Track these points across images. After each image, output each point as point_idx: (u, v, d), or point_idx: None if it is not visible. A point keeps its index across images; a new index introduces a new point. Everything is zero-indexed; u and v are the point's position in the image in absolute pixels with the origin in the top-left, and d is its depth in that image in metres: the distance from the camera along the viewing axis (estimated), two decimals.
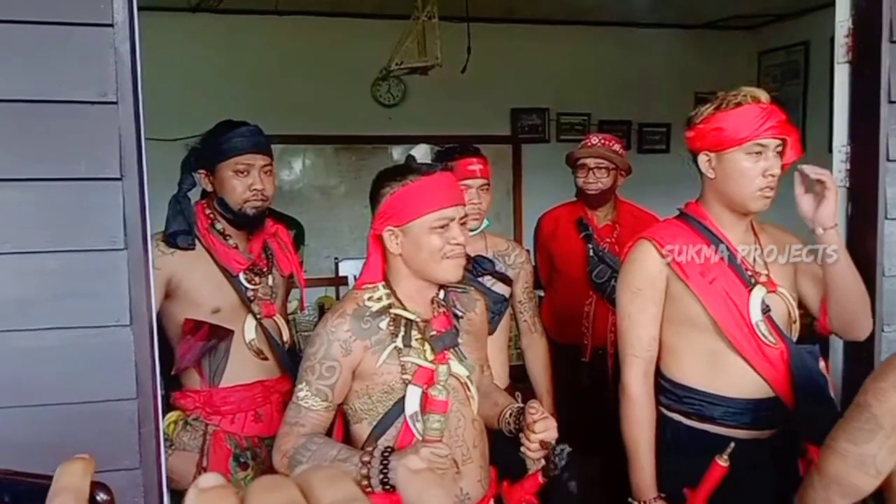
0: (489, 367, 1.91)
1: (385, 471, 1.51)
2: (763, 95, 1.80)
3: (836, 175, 1.94)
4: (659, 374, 1.94)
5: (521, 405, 1.70)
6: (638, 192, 3.23)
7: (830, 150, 2.02)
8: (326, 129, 4.73)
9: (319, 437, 1.65)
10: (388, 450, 1.56)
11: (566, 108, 5.13)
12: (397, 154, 4.98)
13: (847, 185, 1.93)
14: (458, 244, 1.64)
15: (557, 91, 5.07)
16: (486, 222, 2.39)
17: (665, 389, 1.93)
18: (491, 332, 2.16)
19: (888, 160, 1.90)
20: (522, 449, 1.60)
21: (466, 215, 1.75)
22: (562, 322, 3.01)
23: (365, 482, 1.52)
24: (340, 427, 1.74)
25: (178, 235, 2.04)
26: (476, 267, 2.35)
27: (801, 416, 1.80)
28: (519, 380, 2.60)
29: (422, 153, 1.94)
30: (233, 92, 4.28)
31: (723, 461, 1.73)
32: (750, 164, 1.78)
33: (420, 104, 4.86)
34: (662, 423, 1.92)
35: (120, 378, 1.58)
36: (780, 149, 1.79)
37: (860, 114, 1.95)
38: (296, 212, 3.94)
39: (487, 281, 2.38)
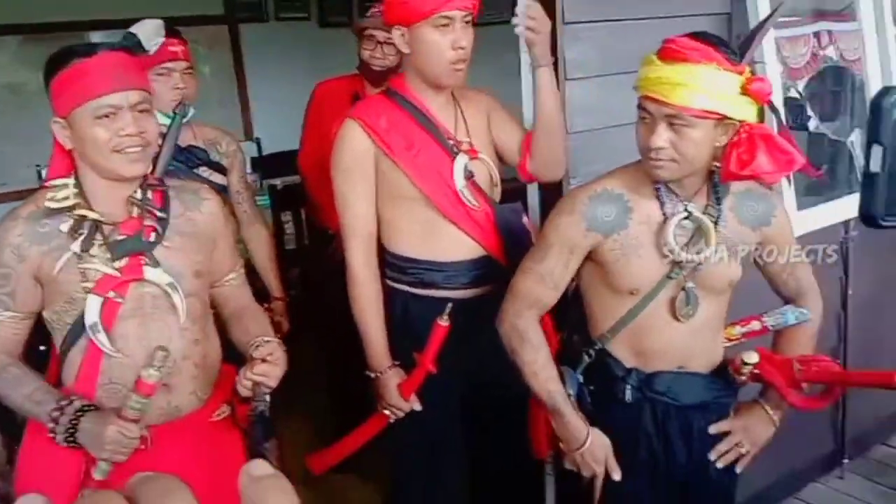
0: (240, 273, 1.80)
1: (72, 430, 1.45)
2: None
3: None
4: (382, 248, 1.98)
5: (273, 339, 1.62)
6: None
7: None
8: (5, 17, 4.07)
9: (18, 367, 1.54)
10: (84, 409, 1.47)
11: None
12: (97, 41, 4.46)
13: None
14: (127, 135, 1.47)
15: None
16: (190, 111, 2.22)
17: (389, 263, 1.98)
18: None
19: (564, 23, 2.01)
20: (237, 379, 1.56)
21: (146, 101, 1.52)
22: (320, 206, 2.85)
23: (51, 434, 1.46)
24: None
25: None
26: (190, 157, 2.22)
27: (511, 268, 1.94)
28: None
29: (149, 29, 1.71)
30: None
31: (443, 321, 1.83)
32: (438, 37, 1.80)
33: None
34: (391, 296, 1.98)
35: None
36: (468, 19, 1.81)
37: None
38: None
39: (204, 172, 2.26)
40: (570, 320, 1.84)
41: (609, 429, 1.69)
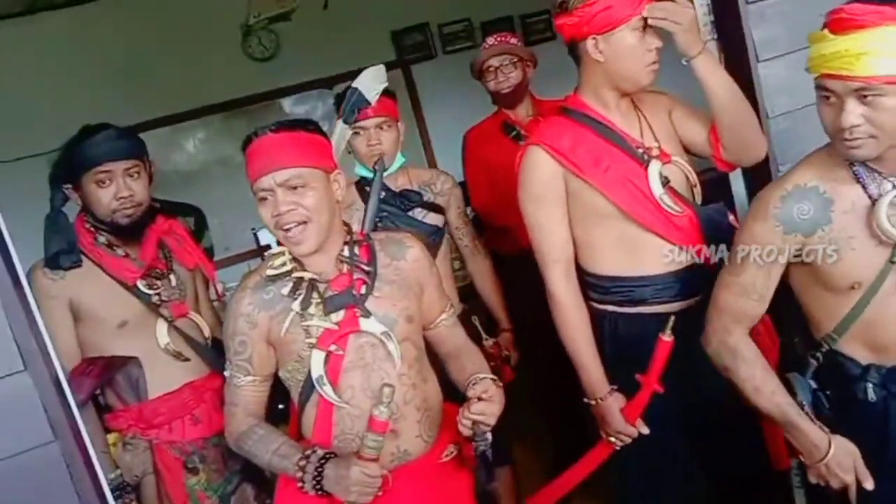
0: (451, 313, 1.83)
1: (319, 478, 1.53)
2: None
3: (703, 29, 1.91)
4: (582, 271, 1.93)
5: (487, 377, 1.63)
6: (536, 85, 3.13)
7: None
8: (207, 99, 4.50)
9: (263, 427, 1.67)
10: (327, 456, 1.55)
11: (445, 18, 4.97)
12: (288, 107, 4.81)
13: (714, 35, 1.90)
14: (278, 214, 1.53)
15: (432, 1, 4.90)
16: (400, 158, 2.31)
17: (591, 285, 1.93)
18: None
19: (748, 3, 1.88)
20: (457, 419, 1.57)
21: (298, 177, 1.54)
22: (507, 231, 2.82)
23: (300, 484, 1.55)
24: None
25: (59, 256, 1.92)
26: (404, 201, 2.29)
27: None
28: (467, 299, 2.58)
29: (368, 79, 1.94)
30: (94, 89, 4.02)
31: (667, 336, 1.76)
32: (636, 41, 1.76)
33: (297, 50, 4.64)
34: (598, 318, 1.92)
35: (32, 425, 1.50)
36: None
37: None
38: (200, 191, 3.78)
39: (419, 213, 2.32)
40: (788, 323, 1.71)
41: (852, 433, 1.55)
